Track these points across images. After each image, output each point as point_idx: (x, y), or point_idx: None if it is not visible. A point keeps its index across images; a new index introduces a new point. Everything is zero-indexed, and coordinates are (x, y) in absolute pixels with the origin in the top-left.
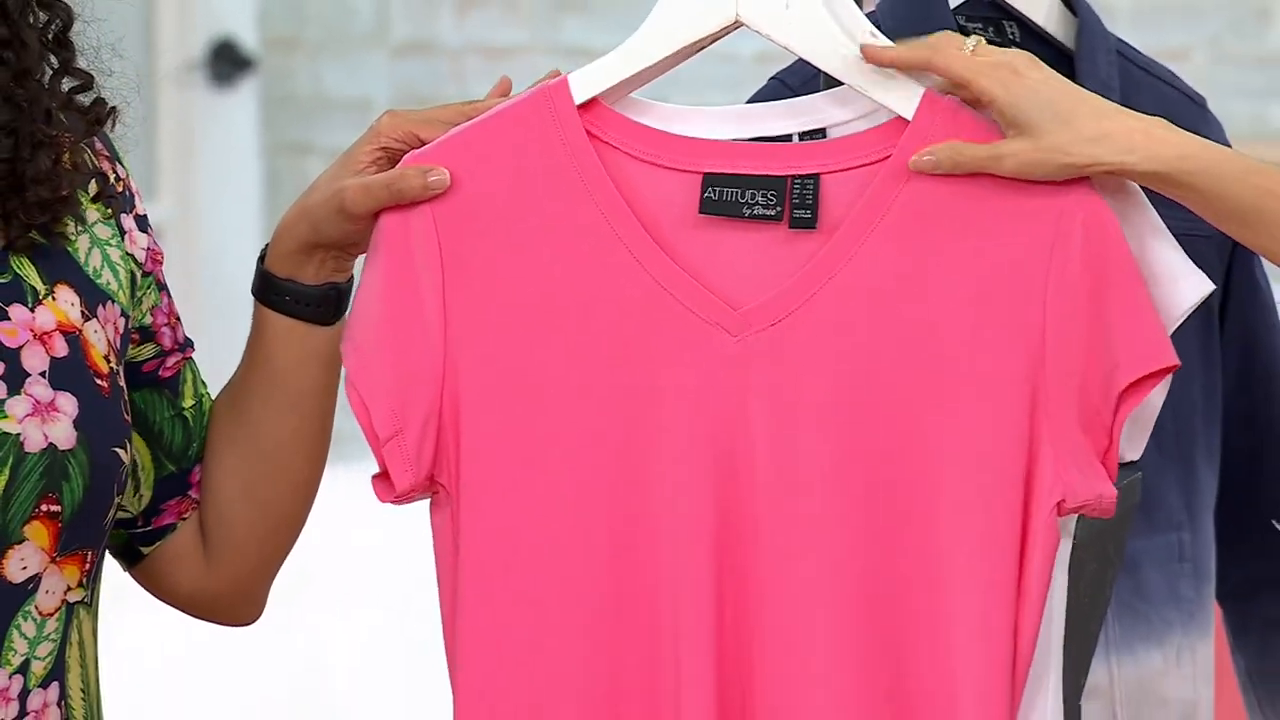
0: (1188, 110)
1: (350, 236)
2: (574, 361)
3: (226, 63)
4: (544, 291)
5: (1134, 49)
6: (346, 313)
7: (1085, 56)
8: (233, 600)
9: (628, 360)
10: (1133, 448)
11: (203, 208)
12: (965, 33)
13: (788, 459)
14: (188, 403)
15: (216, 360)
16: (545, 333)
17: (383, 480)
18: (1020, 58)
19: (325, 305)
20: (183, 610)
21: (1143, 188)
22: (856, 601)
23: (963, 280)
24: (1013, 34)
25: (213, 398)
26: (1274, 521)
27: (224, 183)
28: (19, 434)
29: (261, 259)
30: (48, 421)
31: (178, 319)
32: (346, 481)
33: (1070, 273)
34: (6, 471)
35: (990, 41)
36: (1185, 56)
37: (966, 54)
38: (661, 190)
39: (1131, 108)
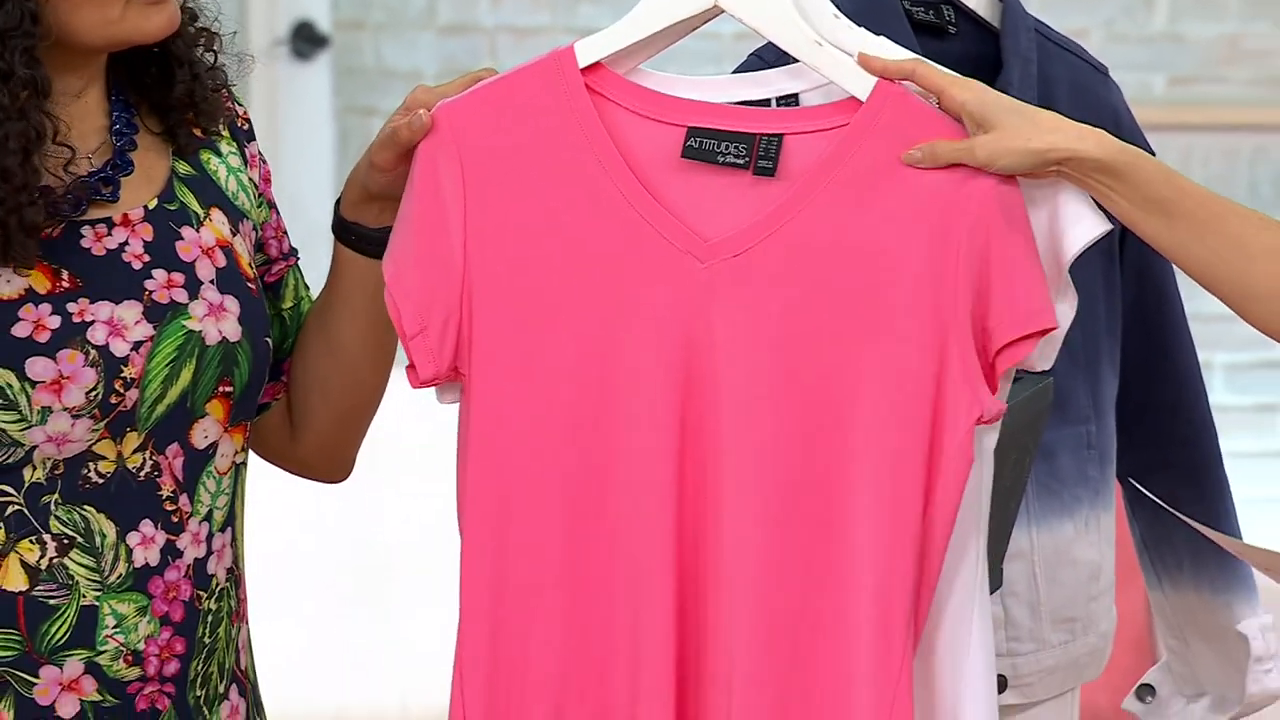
0: (1093, 77)
1: (386, 187)
2: (567, 278)
3: (305, 40)
4: (546, 221)
5: (1049, 27)
6: None
7: (1009, 34)
8: (318, 465)
9: (612, 279)
10: (1044, 361)
11: (286, 160)
12: (910, 15)
13: (742, 366)
14: (287, 304)
15: None
16: (545, 254)
17: (412, 370)
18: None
19: (384, 245)
20: (284, 469)
21: None
22: (793, 480)
23: (896, 235)
24: (949, 15)
25: (313, 301)
26: (1130, 479)
27: (304, 140)
28: (200, 331)
29: (337, 205)
30: (220, 320)
31: (284, 232)
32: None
33: (978, 240)
34: (193, 362)
35: (930, 23)
36: (1084, 35)
37: (942, 70)
38: (649, 139)
39: (1047, 75)
